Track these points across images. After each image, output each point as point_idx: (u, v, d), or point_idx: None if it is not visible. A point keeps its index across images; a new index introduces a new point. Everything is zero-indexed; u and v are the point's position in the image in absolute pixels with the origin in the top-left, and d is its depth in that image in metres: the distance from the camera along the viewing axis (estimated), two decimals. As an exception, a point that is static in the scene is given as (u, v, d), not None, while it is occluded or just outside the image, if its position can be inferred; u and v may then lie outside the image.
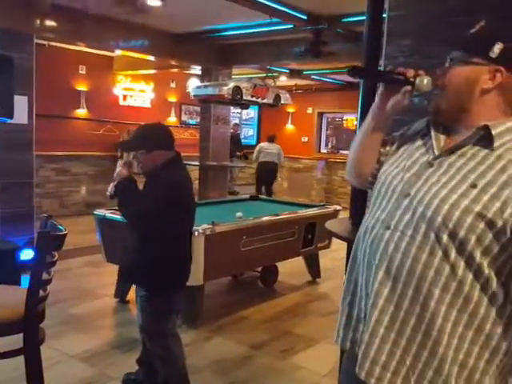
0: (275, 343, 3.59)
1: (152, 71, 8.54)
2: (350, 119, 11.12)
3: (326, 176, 11.04)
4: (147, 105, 9.15)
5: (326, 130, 11.76)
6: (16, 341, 2.12)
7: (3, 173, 5.02)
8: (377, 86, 2.10)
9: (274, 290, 4.80)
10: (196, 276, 3.55)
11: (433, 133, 1.24)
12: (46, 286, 2.14)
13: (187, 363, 2.70)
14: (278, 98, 6.68)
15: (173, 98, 9.70)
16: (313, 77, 9.49)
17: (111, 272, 4.36)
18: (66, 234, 2.16)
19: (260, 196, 6.47)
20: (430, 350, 1.13)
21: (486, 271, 1.09)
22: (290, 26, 5.75)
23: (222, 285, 4.83)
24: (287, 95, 7.00)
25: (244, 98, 6.15)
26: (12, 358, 2.14)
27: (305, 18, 5.33)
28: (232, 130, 10.63)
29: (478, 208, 1.07)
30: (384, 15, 2.37)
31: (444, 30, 2.21)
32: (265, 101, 6.52)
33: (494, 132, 1.13)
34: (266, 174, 9.37)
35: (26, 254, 4.03)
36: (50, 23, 5.45)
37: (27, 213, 5.26)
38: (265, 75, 7.39)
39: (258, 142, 11.11)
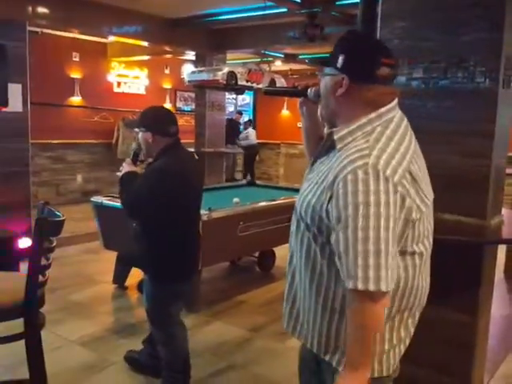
0: (273, 326, 3.63)
1: (146, 57, 8.46)
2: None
3: (322, 161, 11.04)
4: (142, 91, 9.09)
5: (322, 114, 11.73)
6: (17, 326, 2.15)
7: (-1, 161, 5.02)
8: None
9: (272, 274, 4.84)
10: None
11: (325, 136, 1.43)
12: (45, 271, 2.15)
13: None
14: (273, 82, 6.64)
15: (167, 85, 9.64)
16: (307, 61, 9.42)
17: (109, 258, 4.38)
18: (63, 220, 2.17)
19: (257, 182, 6.48)
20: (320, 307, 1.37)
21: (328, 252, 1.30)
22: (284, 10, 5.70)
23: (220, 270, 4.86)
24: (282, 79, 6.97)
25: (239, 82, 6.11)
26: (14, 343, 2.16)
27: (298, 1, 5.28)
28: (234, 117, 10.63)
29: (313, 201, 1.30)
30: (378, -3, 2.35)
31: (438, 12, 2.21)
32: (260, 85, 6.48)
33: (335, 136, 1.32)
34: (252, 155, 10.43)
35: (24, 242, 4.05)
36: (42, 10, 5.39)
37: (24, 201, 5.27)
38: (259, 60, 7.35)
39: (254, 127, 11.09)
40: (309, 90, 1.50)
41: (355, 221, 1.17)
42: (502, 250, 4.31)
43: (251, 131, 10.48)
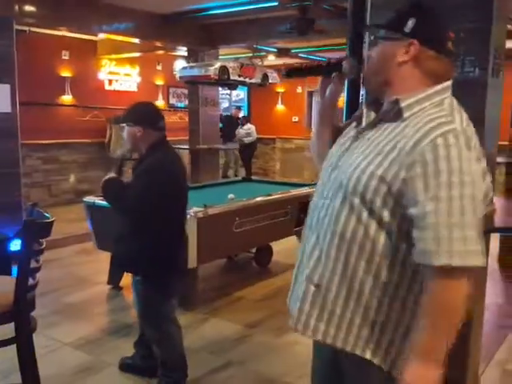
0: (271, 321, 3.61)
1: (137, 54, 8.39)
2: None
3: (318, 155, 11.01)
4: (133, 89, 9.01)
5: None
6: (8, 331, 2.11)
7: (-12, 163, 4.96)
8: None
9: (269, 269, 4.83)
10: (189, 259, 3.54)
11: (365, 110, 1.34)
12: (34, 274, 2.12)
13: (184, 345, 2.70)
14: (265, 77, 6.59)
15: (160, 81, 9.57)
16: (301, 55, 9.37)
17: (104, 259, 4.34)
18: (52, 222, 2.13)
19: (252, 177, 6.45)
20: (355, 300, 1.25)
21: (395, 232, 1.19)
22: (275, 4, 5.64)
23: (217, 266, 4.84)
24: (275, 74, 6.91)
25: (231, 77, 6.05)
26: (6, 348, 2.13)
27: (289, -7, 5.23)
28: (233, 113, 10.55)
29: (379, 172, 1.17)
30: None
31: (427, 2, 2.18)
32: (253, 80, 6.42)
33: (402, 104, 1.22)
34: (252, 151, 10.31)
35: (16, 245, 3.99)
36: (29, 8, 5.31)
37: (15, 203, 5.20)
38: (252, 55, 7.29)
39: (251, 122, 11.03)
40: (344, 64, 1.39)
41: (450, 189, 1.08)
42: (495, 239, 4.31)
43: (252, 127, 10.36)
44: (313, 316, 1.31)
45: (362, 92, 2.34)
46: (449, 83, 1.25)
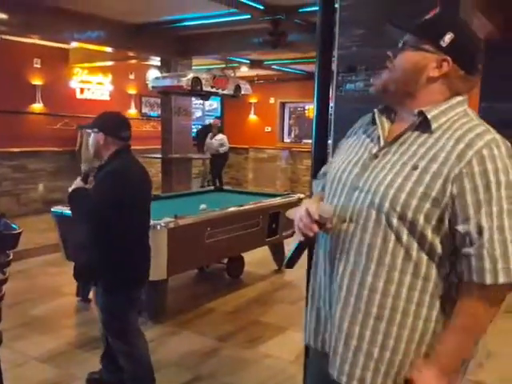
0: (242, 333, 3.61)
1: (110, 63, 8.33)
2: (312, 108, 11.15)
3: (291, 165, 11.13)
4: (106, 97, 8.93)
5: (289, 119, 11.82)
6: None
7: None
8: (331, 77, 2.17)
9: (241, 280, 4.82)
10: (159, 270, 3.52)
11: (378, 123, 1.26)
12: (1, 286, 2.08)
13: (153, 359, 2.68)
14: (238, 88, 6.66)
15: (132, 90, 9.51)
16: (274, 67, 9.49)
17: (72, 271, 4.26)
18: (20, 233, 2.10)
19: (224, 187, 6.47)
20: (395, 336, 1.15)
21: (439, 250, 1.12)
22: (248, 17, 5.73)
23: (189, 278, 4.81)
24: (247, 85, 6.98)
25: (204, 88, 6.09)
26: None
27: (262, 8, 5.31)
28: (213, 123, 10.53)
29: (421, 189, 1.10)
30: (336, 5, 2.38)
31: (395, 18, 2.25)
32: (225, 91, 6.48)
33: (430, 115, 1.16)
34: (224, 161, 10.19)
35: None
36: (1, 16, 5.23)
37: (-18, 213, 5.07)
38: (224, 66, 7.35)
39: (223, 133, 11.02)
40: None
41: (501, 203, 1.04)
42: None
43: (225, 137, 10.17)
44: (347, 361, 1.20)
45: (332, 104, 2.40)
46: (467, 96, 1.21)
